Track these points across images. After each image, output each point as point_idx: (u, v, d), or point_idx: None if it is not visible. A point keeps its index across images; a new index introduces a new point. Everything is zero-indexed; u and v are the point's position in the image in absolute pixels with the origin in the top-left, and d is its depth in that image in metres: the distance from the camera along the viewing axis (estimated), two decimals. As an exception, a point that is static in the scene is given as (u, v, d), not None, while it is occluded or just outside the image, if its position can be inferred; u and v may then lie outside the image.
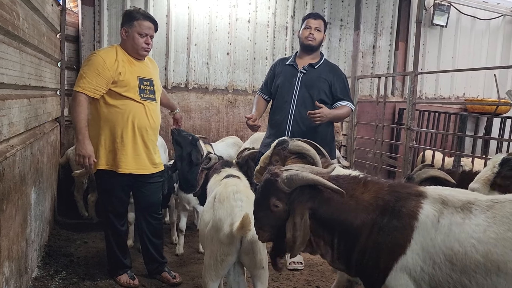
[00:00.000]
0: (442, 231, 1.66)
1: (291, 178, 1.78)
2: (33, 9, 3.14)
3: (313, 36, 3.52)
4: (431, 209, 1.70)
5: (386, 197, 1.78)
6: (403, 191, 1.79)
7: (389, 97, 6.59)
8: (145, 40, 2.98)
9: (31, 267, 3.03)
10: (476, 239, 1.60)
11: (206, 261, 2.37)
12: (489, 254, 1.57)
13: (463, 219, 1.66)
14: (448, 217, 1.68)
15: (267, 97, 3.76)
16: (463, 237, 1.62)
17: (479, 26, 7.32)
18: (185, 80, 5.76)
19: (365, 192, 1.82)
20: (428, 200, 1.73)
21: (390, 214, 1.74)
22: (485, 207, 1.68)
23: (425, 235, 1.68)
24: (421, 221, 1.69)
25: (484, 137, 4.93)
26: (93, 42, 5.25)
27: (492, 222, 1.62)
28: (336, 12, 6.43)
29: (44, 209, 3.60)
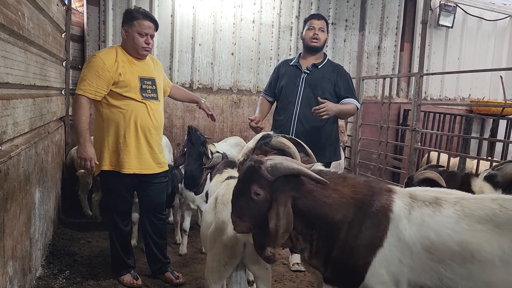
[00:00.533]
0: (415, 222, 1.71)
1: (275, 166, 1.75)
2: (39, 9, 3.15)
3: (318, 37, 3.50)
4: (402, 202, 1.75)
5: (364, 191, 1.81)
6: (376, 186, 1.84)
7: (394, 98, 6.56)
8: (145, 40, 2.97)
9: (35, 266, 3.04)
10: (450, 229, 1.66)
11: (209, 263, 2.35)
12: (464, 242, 1.63)
13: (433, 211, 1.71)
14: (419, 210, 1.73)
15: (271, 98, 3.76)
16: (437, 227, 1.68)
17: (485, 27, 7.26)
18: (190, 80, 5.76)
19: (345, 186, 1.82)
20: (397, 195, 1.79)
21: (368, 207, 1.77)
22: (453, 202, 1.74)
23: (400, 226, 1.72)
24: (395, 212, 1.73)
25: (490, 139, 4.89)
26: (98, 41, 5.26)
27: (462, 215, 1.68)
28: (341, 12, 6.40)
29: (48, 208, 3.61)
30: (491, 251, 1.61)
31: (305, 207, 1.78)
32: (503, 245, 1.61)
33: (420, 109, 4.77)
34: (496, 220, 1.64)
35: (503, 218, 1.64)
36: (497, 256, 1.61)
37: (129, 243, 3.28)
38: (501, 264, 1.61)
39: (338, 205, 1.78)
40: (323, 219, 1.79)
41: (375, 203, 1.77)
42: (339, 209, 1.78)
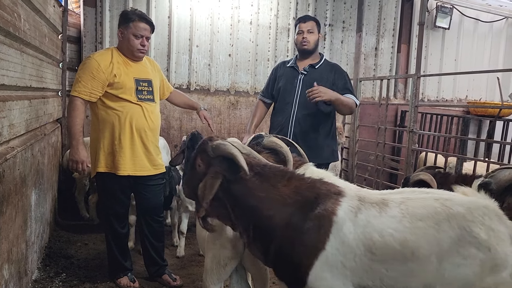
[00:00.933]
0: (360, 224, 1.75)
1: (218, 146, 1.89)
2: (35, 10, 3.13)
3: (307, 40, 3.50)
4: (349, 205, 1.79)
5: (306, 193, 1.84)
6: (323, 188, 1.86)
7: (392, 99, 6.56)
8: (140, 42, 2.96)
9: (31, 269, 3.02)
10: (393, 228, 1.72)
11: (207, 265, 2.33)
12: (405, 241, 1.70)
13: (380, 212, 1.77)
14: (365, 211, 1.78)
15: (269, 100, 3.76)
16: (381, 228, 1.73)
17: (482, 29, 7.29)
18: (187, 82, 5.75)
19: (287, 185, 1.86)
20: (346, 198, 1.82)
21: (309, 210, 1.79)
22: (399, 202, 1.80)
23: (344, 230, 1.75)
24: (340, 216, 1.76)
25: (487, 140, 4.90)
26: (94, 43, 5.25)
27: (406, 213, 1.74)
28: (338, 14, 6.41)
29: (45, 210, 3.59)
30: (428, 248, 1.69)
31: (237, 192, 1.87)
32: (441, 242, 1.69)
33: (417, 110, 4.77)
34: (437, 217, 1.72)
35: (443, 215, 1.72)
36: (434, 253, 1.69)
37: (126, 245, 3.27)
38: (436, 260, 1.69)
39: (272, 202, 1.83)
40: (254, 211, 1.85)
41: (318, 206, 1.79)
42: (272, 206, 1.83)
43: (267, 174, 1.89)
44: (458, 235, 1.70)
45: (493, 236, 1.70)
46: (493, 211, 1.78)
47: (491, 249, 1.68)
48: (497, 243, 1.70)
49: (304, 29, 3.51)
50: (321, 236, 1.75)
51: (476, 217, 1.72)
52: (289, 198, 1.83)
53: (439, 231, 1.71)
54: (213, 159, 1.90)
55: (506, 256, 1.70)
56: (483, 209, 1.76)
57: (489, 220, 1.73)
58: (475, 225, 1.71)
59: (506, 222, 1.77)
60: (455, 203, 1.76)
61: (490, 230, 1.71)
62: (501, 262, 1.69)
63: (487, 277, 1.68)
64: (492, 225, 1.72)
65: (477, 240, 1.69)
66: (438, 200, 1.78)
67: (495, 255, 1.68)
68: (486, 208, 1.77)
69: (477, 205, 1.77)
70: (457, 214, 1.72)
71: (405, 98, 6.83)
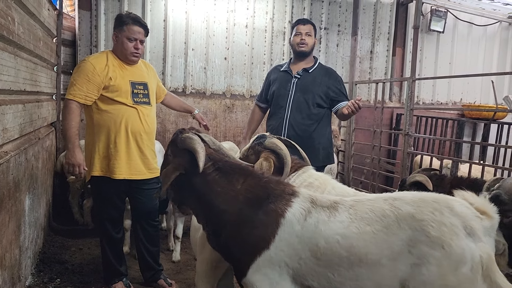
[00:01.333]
0: (309, 229, 1.77)
1: (184, 139, 2.00)
2: (29, 14, 3.12)
3: (305, 42, 3.52)
4: (300, 208, 1.81)
5: (257, 191, 1.88)
6: (277, 189, 1.89)
7: (387, 102, 6.58)
8: (134, 45, 2.95)
9: (25, 275, 2.99)
10: (340, 234, 1.73)
11: (198, 268, 2.35)
12: (352, 247, 1.71)
13: (329, 217, 1.78)
14: (316, 215, 1.79)
15: (264, 105, 3.77)
16: (328, 234, 1.74)
17: (476, 32, 7.33)
18: (183, 85, 5.73)
19: (243, 183, 1.92)
20: (299, 199, 1.84)
21: (258, 208, 1.84)
22: (349, 206, 1.81)
23: (291, 233, 1.77)
24: (288, 219, 1.79)
25: (482, 143, 4.92)
26: (89, 46, 5.23)
27: (354, 218, 1.75)
28: (334, 17, 6.43)
29: (39, 215, 3.56)
30: (378, 252, 1.69)
31: (197, 185, 1.95)
32: (392, 245, 1.69)
33: (412, 113, 4.78)
34: (386, 220, 1.72)
35: (392, 217, 1.72)
36: (385, 256, 1.69)
37: (121, 250, 3.24)
38: (388, 262, 1.69)
39: (226, 197, 1.90)
40: (210, 204, 1.93)
41: (269, 205, 1.83)
42: (225, 201, 1.90)
43: (227, 170, 1.96)
44: (409, 236, 1.68)
45: (446, 232, 1.67)
46: (444, 204, 1.75)
47: (445, 246, 1.66)
48: (451, 239, 1.67)
49: (303, 31, 3.52)
50: (266, 235, 1.79)
51: (426, 214, 1.70)
52: (241, 195, 1.89)
53: (389, 234, 1.70)
54: (180, 151, 2.01)
55: (463, 251, 1.66)
56: (433, 204, 1.73)
57: (440, 215, 1.71)
58: (426, 224, 1.68)
59: (459, 213, 1.74)
60: (404, 203, 1.75)
61: (442, 225, 1.68)
62: (458, 258, 1.66)
63: (448, 275, 1.65)
64: (443, 220, 1.70)
65: (429, 238, 1.67)
66: (387, 201, 1.78)
67: (450, 252, 1.65)
68: (436, 202, 1.75)
69: (427, 200, 1.75)
70: (406, 214, 1.71)
71: (400, 101, 6.85)
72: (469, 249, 1.67)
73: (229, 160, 2.04)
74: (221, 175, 1.95)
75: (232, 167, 1.98)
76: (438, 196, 1.81)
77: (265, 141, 2.54)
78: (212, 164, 1.97)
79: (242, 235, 1.85)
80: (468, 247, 1.67)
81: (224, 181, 1.93)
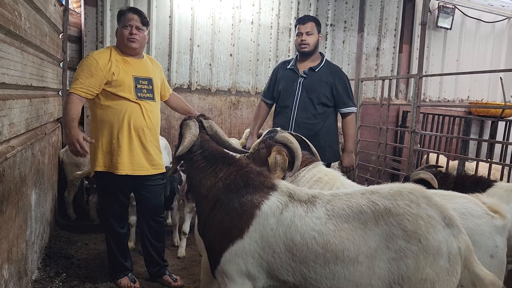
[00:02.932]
0: (284, 223, 1.77)
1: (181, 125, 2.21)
2: (36, 9, 3.12)
3: (306, 42, 3.49)
4: (277, 201, 1.83)
5: (237, 180, 1.92)
6: (257, 180, 1.91)
7: (393, 99, 6.55)
8: (129, 31, 2.94)
9: (31, 269, 3.00)
10: (317, 231, 1.73)
11: (203, 265, 2.37)
12: (329, 244, 1.71)
13: (306, 212, 1.78)
14: (292, 210, 1.80)
15: (270, 101, 3.76)
16: (304, 230, 1.74)
17: (484, 29, 7.27)
18: (188, 81, 5.73)
19: (223, 169, 1.98)
20: (277, 192, 1.86)
21: (235, 197, 1.87)
22: (326, 200, 1.81)
23: (266, 225, 1.79)
24: (263, 211, 1.81)
25: (489, 141, 4.88)
26: (95, 42, 5.23)
27: (332, 215, 1.76)
28: (340, 14, 6.39)
29: (45, 210, 3.57)
30: (355, 250, 1.69)
31: (188, 169, 2.11)
32: (369, 241, 1.69)
33: (419, 110, 4.75)
34: (363, 217, 1.72)
35: (369, 214, 1.71)
36: (362, 253, 1.68)
37: (126, 245, 3.24)
38: (366, 260, 1.68)
39: (207, 184, 1.97)
40: (195, 189, 2.06)
41: (246, 196, 1.86)
42: (206, 187, 1.97)
43: (212, 158, 2.04)
44: (385, 231, 1.68)
45: (422, 225, 1.66)
46: (420, 195, 1.74)
47: (422, 239, 1.65)
48: (427, 232, 1.66)
49: (303, 31, 3.49)
50: (240, 224, 1.81)
51: (402, 208, 1.69)
52: (220, 182, 1.93)
53: (366, 231, 1.70)
54: (180, 135, 2.18)
55: (440, 243, 1.65)
56: (410, 196, 1.72)
57: (416, 207, 1.70)
58: (402, 218, 1.68)
59: (437, 204, 1.73)
60: (381, 197, 1.75)
61: (419, 218, 1.67)
62: (435, 250, 1.64)
63: (426, 268, 1.64)
64: (420, 212, 1.68)
65: (405, 233, 1.66)
66: (365, 195, 1.78)
67: (427, 245, 1.64)
68: (412, 194, 1.74)
69: (403, 193, 1.74)
70: (383, 209, 1.71)
71: (407, 98, 6.81)
72: (447, 241, 1.67)
73: (216, 149, 2.10)
74: (206, 162, 2.03)
75: (217, 156, 2.05)
76: (414, 187, 1.80)
77: (276, 135, 2.55)
78: (201, 152, 2.06)
79: (217, 221, 1.88)
80: (445, 239, 1.67)
81: (209, 168, 2.01)
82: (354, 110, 3.59)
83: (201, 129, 2.20)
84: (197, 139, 2.12)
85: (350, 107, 3.56)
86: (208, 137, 2.17)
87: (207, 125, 2.20)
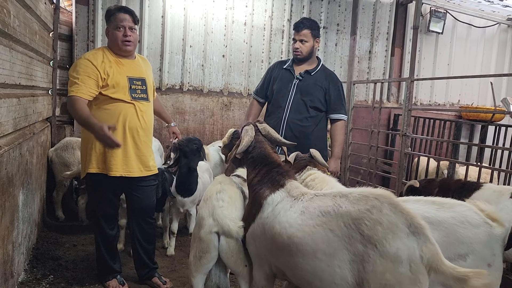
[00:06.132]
0: (275, 213, 2.02)
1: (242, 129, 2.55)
2: (25, 7, 3.08)
3: (299, 50, 3.52)
4: (278, 195, 2.10)
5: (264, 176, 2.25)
6: (275, 178, 2.21)
7: (385, 102, 6.57)
8: (123, 33, 2.89)
9: (17, 271, 2.95)
10: (289, 223, 1.93)
11: (189, 258, 2.43)
12: (293, 236, 1.88)
13: (291, 206, 2.00)
14: (284, 203, 2.04)
15: (262, 100, 3.74)
16: (282, 220, 1.96)
17: (475, 34, 7.33)
18: (180, 82, 5.70)
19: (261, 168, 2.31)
20: (282, 189, 2.13)
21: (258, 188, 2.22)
22: (308, 199, 1.99)
23: (265, 213, 2.07)
24: (268, 202, 2.10)
25: (479, 145, 4.92)
26: (86, 41, 5.18)
27: (303, 211, 1.92)
28: (333, 16, 6.41)
29: (33, 211, 3.52)
30: (313, 245, 1.81)
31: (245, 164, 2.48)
32: (328, 240, 1.78)
33: (410, 114, 4.77)
34: (326, 217, 1.83)
35: (333, 216, 1.81)
36: (321, 251, 1.79)
37: (115, 247, 3.21)
38: (325, 257, 1.78)
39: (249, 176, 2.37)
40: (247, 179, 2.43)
41: (263, 189, 2.18)
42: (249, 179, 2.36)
43: (258, 157, 2.37)
44: (345, 233, 1.74)
45: (380, 230, 1.67)
46: (386, 201, 1.75)
47: (378, 245, 1.66)
48: (384, 238, 1.66)
49: (297, 38, 3.52)
50: (254, 211, 2.16)
51: (363, 212, 1.73)
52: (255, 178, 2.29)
53: (326, 230, 1.79)
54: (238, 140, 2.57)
55: (398, 250, 1.64)
56: (373, 202, 1.75)
57: (377, 212, 1.71)
58: (361, 221, 1.72)
59: (403, 211, 1.72)
60: (347, 200, 1.83)
61: (377, 224, 1.69)
62: (393, 257, 1.63)
63: (385, 274, 1.64)
64: (380, 218, 1.69)
65: (362, 237, 1.70)
66: (335, 198, 1.88)
67: (383, 251, 1.64)
68: (377, 199, 1.76)
69: (369, 198, 1.78)
70: (345, 212, 1.78)
71: (398, 101, 6.85)
72: (407, 249, 1.65)
73: (263, 150, 2.41)
74: (252, 161, 2.38)
75: (261, 156, 2.37)
76: (382, 192, 1.82)
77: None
78: (252, 153, 2.40)
79: (248, 207, 2.33)
80: (406, 247, 1.65)
81: (252, 166, 2.36)
82: (344, 118, 3.61)
83: (256, 132, 2.51)
84: (253, 140, 2.44)
85: (341, 114, 3.58)
86: (262, 138, 2.49)
87: (261, 127, 2.53)
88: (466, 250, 2.05)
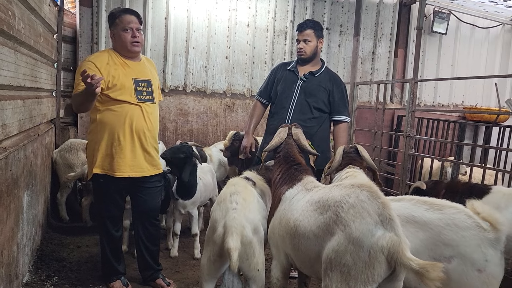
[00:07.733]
0: (292, 203, 2.27)
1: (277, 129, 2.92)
2: (30, 9, 3.09)
3: (303, 50, 3.51)
4: (296, 189, 2.36)
5: (284, 174, 2.52)
6: (294, 175, 2.47)
7: (388, 104, 6.57)
8: (131, 34, 2.90)
9: (22, 272, 2.96)
10: (296, 210, 2.17)
11: (201, 261, 2.42)
12: (296, 220, 2.12)
13: (304, 196, 2.25)
14: (298, 195, 2.30)
15: (266, 101, 3.74)
16: (293, 208, 2.21)
17: (479, 34, 7.31)
18: (183, 84, 5.71)
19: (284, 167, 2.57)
20: (299, 183, 2.39)
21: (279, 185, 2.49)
22: (317, 190, 2.22)
23: (284, 205, 2.33)
24: (287, 194, 2.37)
25: (484, 146, 4.90)
26: (90, 43, 5.20)
27: (308, 200, 2.16)
28: (336, 17, 6.41)
29: (37, 212, 3.53)
30: (307, 226, 2.04)
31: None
32: (318, 222, 1.98)
33: (414, 115, 4.76)
34: (320, 203, 2.04)
35: (324, 201, 2.01)
36: (311, 231, 2.01)
37: (119, 248, 3.21)
38: (313, 237, 1.99)
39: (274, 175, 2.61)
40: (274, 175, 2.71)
41: (282, 185, 2.46)
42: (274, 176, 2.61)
43: (284, 157, 2.63)
44: (329, 216, 1.92)
45: (351, 213, 1.83)
46: (365, 189, 1.90)
47: (346, 226, 1.81)
48: (353, 221, 1.80)
49: (300, 38, 3.53)
50: (274, 205, 2.44)
51: (343, 197, 1.92)
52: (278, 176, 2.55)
53: (317, 215, 2.00)
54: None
55: (361, 235, 1.74)
56: (355, 189, 1.93)
57: (355, 198, 1.88)
58: (339, 204, 1.90)
59: (379, 201, 1.83)
60: (338, 188, 2.04)
61: (351, 208, 1.85)
62: (355, 240, 1.75)
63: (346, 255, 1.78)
64: (355, 203, 1.85)
65: (338, 218, 1.87)
66: (333, 187, 2.11)
67: (348, 232, 1.79)
68: (359, 188, 1.93)
69: (354, 186, 1.97)
70: (331, 198, 1.98)
71: (402, 102, 6.83)
72: (371, 235, 1.74)
73: (289, 152, 2.65)
74: (278, 160, 2.65)
75: (284, 156, 2.63)
76: (366, 183, 2.02)
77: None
78: (280, 153, 2.67)
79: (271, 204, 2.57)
80: (369, 233, 1.75)
81: (277, 164, 2.63)
82: (347, 120, 3.60)
83: (289, 135, 2.75)
84: (283, 142, 2.71)
85: (344, 116, 3.57)
86: (292, 141, 2.72)
87: (294, 132, 2.77)
88: (452, 253, 1.99)
